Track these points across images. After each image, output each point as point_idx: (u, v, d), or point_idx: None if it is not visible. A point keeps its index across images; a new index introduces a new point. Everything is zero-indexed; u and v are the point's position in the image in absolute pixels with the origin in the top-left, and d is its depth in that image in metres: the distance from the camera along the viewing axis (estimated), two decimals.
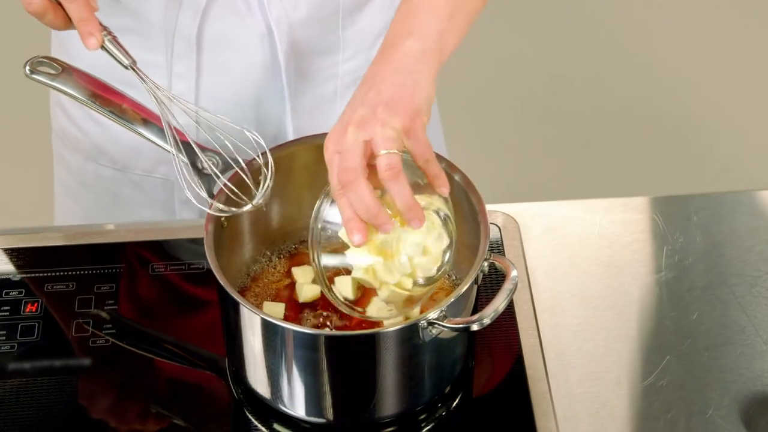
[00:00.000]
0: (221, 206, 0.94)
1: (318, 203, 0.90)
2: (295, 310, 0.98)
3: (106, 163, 1.18)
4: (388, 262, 0.89)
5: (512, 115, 2.36)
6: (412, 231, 0.89)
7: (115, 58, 0.92)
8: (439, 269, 0.91)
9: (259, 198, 0.93)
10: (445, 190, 0.89)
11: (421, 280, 0.91)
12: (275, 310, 0.97)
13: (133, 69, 0.92)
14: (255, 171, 0.96)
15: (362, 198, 0.85)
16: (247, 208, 0.93)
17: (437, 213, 0.91)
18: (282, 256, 1.03)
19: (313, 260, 0.90)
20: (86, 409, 0.97)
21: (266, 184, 0.93)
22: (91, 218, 1.22)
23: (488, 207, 0.95)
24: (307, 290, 0.97)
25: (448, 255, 0.91)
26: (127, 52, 0.92)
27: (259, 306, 0.98)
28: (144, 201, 1.20)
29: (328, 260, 0.90)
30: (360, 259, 0.89)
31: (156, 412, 0.97)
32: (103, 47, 0.91)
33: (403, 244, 0.89)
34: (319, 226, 0.90)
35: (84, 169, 1.20)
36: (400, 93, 0.88)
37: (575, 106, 2.38)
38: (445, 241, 0.91)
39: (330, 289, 0.91)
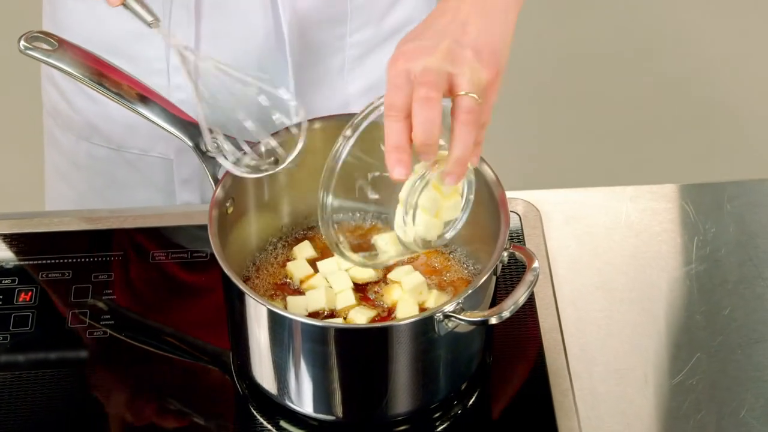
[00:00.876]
0: (245, 168, 0.94)
1: (339, 145, 0.88)
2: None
3: (99, 142, 1.19)
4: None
5: (534, 97, 2.36)
6: (435, 185, 0.88)
7: (138, 16, 0.92)
8: (438, 237, 0.91)
9: (292, 156, 0.93)
10: (475, 160, 0.87)
11: (417, 241, 0.90)
12: (297, 304, 0.98)
13: (157, 27, 0.93)
14: (267, 152, 0.98)
15: (433, 120, 0.81)
16: (279, 168, 0.93)
17: (466, 185, 0.90)
18: (289, 244, 1.04)
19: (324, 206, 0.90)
20: (82, 404, 0.98)
21: (300, 142, 0.94)
22: (84, 202, 1.23)
23: (508, 194, 0.96)
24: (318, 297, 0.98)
25: (450, 229, 0.91)
26: (150, 10, 0.93)
27: (265, 296, 0.99)
28: (141, 182, 1.21)
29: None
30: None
31: (156, 408, 0.98)
32: (124, 4, 0.92)
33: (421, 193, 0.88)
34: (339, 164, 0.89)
35: (76, 148, 1.21)
36: (489, 42, 0.85)
37: (600, 88, 2.38)
38: (454, 214, 0.91)
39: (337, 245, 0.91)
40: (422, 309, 0.98)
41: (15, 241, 1.09)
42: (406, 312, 0.97)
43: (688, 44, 2.45)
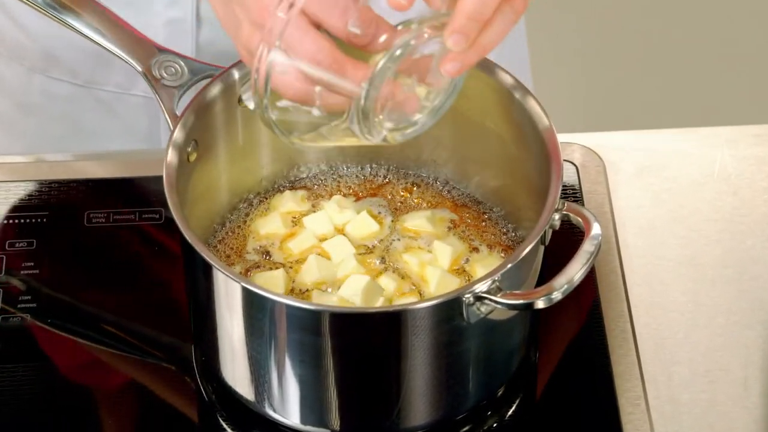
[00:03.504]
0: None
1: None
2: None
3: (61, 76, 1.20)
4: None
5: (598, 9, 2.35)
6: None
7: None
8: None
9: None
10: (452, 67, 0.85)
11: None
12: (273, 282, 0.99)
13: None
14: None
15: None
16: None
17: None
18: (268, 198, 1.06)
19: None
20: None
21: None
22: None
23: (562, 137, 0.96)
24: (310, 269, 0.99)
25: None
26: None
27: (239, 269, 1.00)
28: (116, 129, 1.21)
29: None
30: None
31: (93, 419, 0.99)
32: None
33: None
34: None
35: (27, 85, 1.22)
36: None
37: None
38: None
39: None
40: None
41: None
42: (442, 286, 0.97)
43: None
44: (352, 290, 0.97)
